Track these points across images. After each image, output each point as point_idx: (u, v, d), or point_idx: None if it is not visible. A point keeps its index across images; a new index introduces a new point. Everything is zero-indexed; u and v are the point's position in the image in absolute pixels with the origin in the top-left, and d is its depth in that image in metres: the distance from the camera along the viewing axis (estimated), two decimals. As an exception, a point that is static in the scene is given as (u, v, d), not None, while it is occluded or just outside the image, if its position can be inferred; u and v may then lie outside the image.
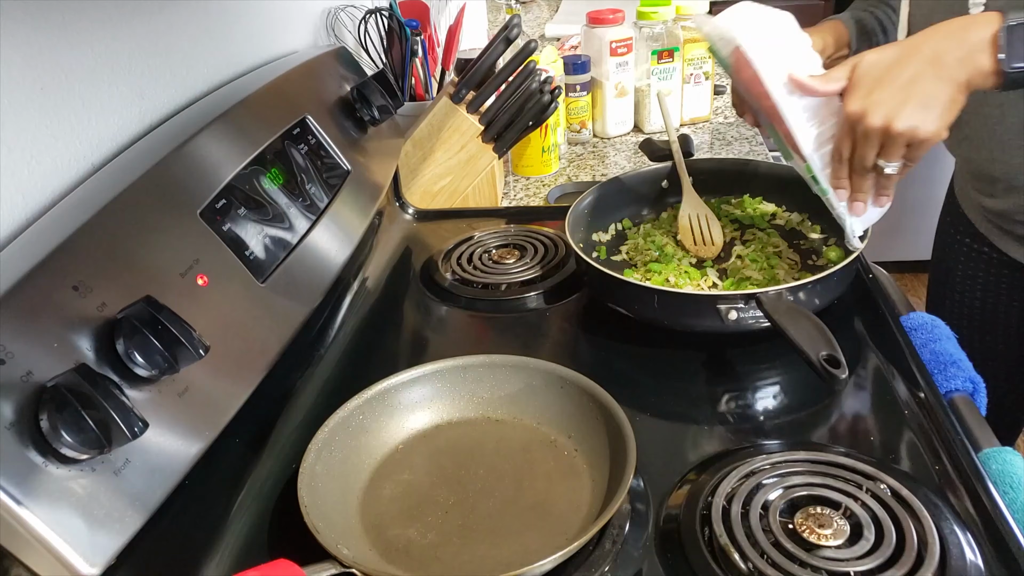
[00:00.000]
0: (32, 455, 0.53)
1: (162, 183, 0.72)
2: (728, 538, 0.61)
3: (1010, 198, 1.08)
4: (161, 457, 0.61)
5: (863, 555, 0.59)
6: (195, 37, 0.92)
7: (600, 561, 0.62)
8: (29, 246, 0.61)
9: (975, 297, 1.22)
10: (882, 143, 0.77)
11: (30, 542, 0.52)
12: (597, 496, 0.67)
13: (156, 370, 0.60)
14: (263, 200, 0.82)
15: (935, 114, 0.75)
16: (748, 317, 0.80)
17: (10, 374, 0.53)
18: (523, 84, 1.21)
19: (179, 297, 0.66)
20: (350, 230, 0.96)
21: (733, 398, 0.80)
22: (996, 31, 0.76)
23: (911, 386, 0.78)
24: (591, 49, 1.59)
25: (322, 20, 1.28)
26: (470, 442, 0.75)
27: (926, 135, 0.75)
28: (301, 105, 0.95)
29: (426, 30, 1.45)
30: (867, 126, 0.76)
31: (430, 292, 1.03)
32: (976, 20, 0.78)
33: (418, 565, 0.63)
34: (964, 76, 0.76)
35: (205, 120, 0.81)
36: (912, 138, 0.75)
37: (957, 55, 0.76)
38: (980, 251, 1.20)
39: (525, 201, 1.42)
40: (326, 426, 0.71)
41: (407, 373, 0.77)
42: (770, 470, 0.67)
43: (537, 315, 0.97)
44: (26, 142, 0.68)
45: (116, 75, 0.79)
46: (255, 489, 0.72)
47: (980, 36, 0.76)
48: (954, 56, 0.76)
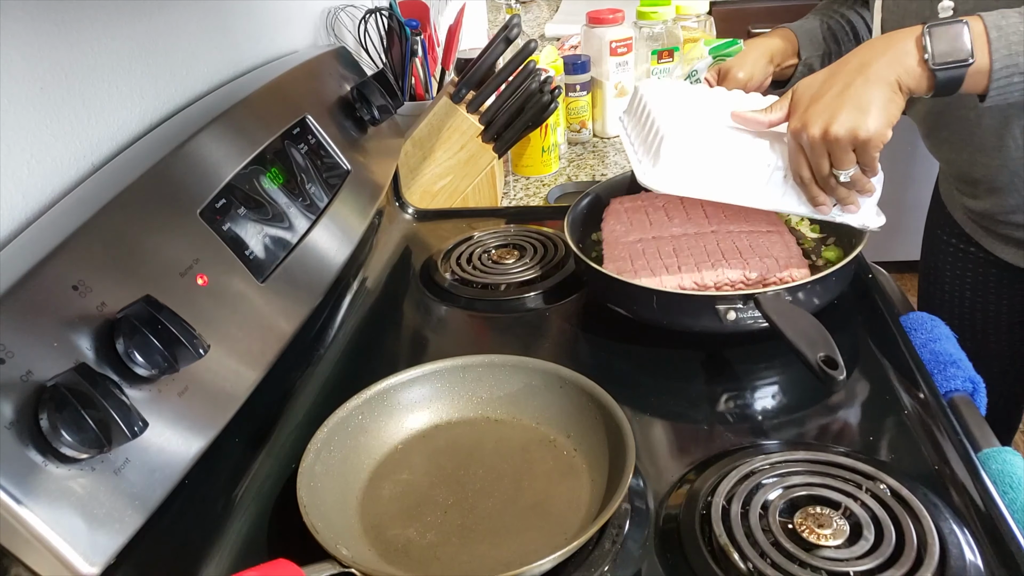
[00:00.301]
0: (32, 454, 0.53)
1: (162, 183, 0.72)
2: (728, 538, 0.61)
3: (992, 198, 1.08)
4: (161, 456, 0.61)
5: (863, 555, 0.59)
6: (195, 37, 0.92)
7: (599, 561, 0.62)
8: (29, 246, 0.61)
9: (964, 297, 1.23)
10: (829, 151, 0.79)
11: (30, 541, 0.52)
12: (596, 496, 0.67)
13: (156, 370, 0.60)
14: (263, 200, 0.82)
15: (872, 115, 0.77)
16: (747, 317, 0.80)
17: (10, 374, 0.53)
18: (523, 84, 1.21)
19: (179, 297, 0.66)
20: (350, 230, 0.96)
21: (732, 398, 0.80)
22: (920, 32, 0.78)
23: (911, 386, 0.78)
24: (591, 49, 1.59)
25: (322, 20, 1.28)
26: (469, 442, 0.75)
27: (867, 135, 0.77)
28: (301, 105, 0.95)
29: (426, 30, 1.45)
30: (809, 136, 0.78)
31: (430, 292, 1.03)
32: (904, 30, 0.81)
33: (417, 565, 0.63)
34: (893, 75, 0.78)
35: (205, 120, 0.81)
36: (854, 140, 0.77)
37: (883, 59, 0.79)
38: (967, 251, 1.20)
39: (525, 201, 1.42)
40: (325, 426, 0.71)
41: (407, 373, 0.77)
42: (770, 470, 0.67)
43: (537, 315, 0.97)
44: (26, 142, 0.68)
45: (116, 75, 0.79)
46: (255, 489, 0.72)
47: (906, 39, 0.79)
48: (880, 60, 0.79)
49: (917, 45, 0.78)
